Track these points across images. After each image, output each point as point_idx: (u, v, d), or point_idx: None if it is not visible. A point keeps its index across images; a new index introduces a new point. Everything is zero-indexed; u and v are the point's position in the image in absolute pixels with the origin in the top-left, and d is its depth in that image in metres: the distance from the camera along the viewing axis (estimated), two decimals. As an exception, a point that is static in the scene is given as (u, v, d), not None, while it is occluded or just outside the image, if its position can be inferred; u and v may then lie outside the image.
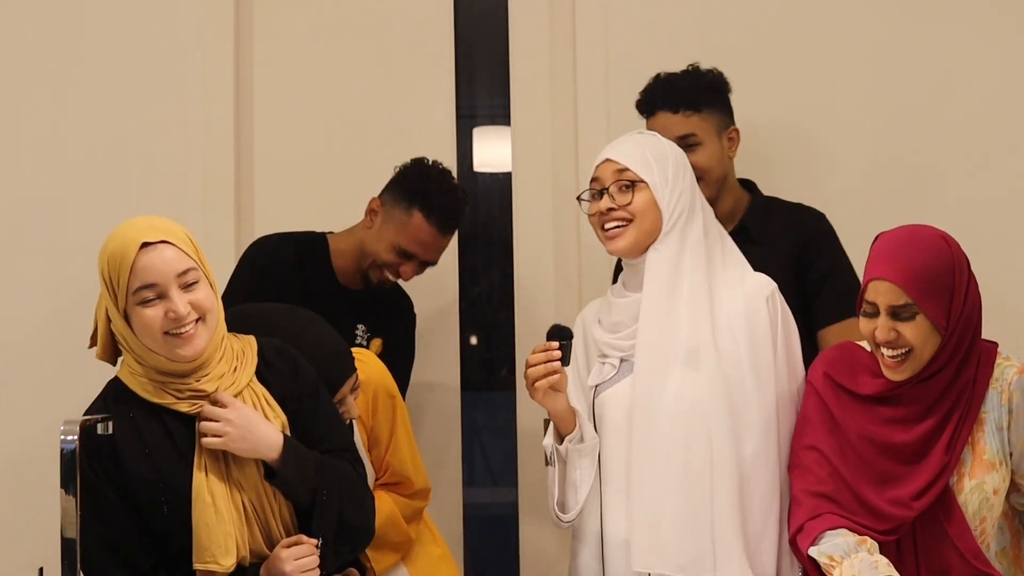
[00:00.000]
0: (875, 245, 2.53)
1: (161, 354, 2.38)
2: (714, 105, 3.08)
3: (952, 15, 3.47)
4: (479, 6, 3.72)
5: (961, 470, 2.49)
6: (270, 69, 3.59)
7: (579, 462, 2.67)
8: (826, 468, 2.53)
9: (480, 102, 3.79)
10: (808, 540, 2.47)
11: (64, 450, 2.24)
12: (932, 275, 2.45)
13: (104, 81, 3.56)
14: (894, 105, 3.47)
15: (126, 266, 2.34)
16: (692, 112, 3.05)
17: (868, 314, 2.49)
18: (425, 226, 3.15)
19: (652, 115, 3.11)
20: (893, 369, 2.49)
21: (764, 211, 3.09)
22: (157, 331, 2.35)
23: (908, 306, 2.44)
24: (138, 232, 2.38)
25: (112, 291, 2.37)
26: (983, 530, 2.49)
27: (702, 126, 3.05)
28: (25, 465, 3.39)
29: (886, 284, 2.44)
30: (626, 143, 2.74)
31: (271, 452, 2.39)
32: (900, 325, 2.45)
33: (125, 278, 2.34)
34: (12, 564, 3.34)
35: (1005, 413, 2.51)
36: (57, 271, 3.46)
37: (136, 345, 2.39)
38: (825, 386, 2.59)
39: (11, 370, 3.47)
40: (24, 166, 3.55)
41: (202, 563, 2.35)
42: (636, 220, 2.66)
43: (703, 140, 3.04)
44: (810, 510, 2.50)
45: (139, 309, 2.35)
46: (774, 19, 3.51)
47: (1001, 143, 3.45)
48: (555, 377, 2.60)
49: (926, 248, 2.47)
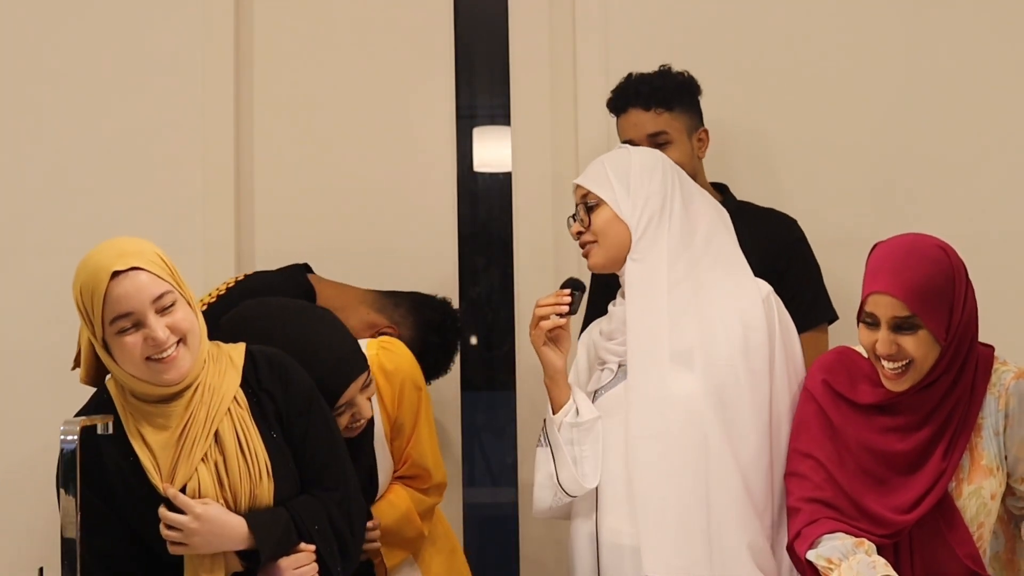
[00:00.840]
0: (873, 256, 2.52)
1: (146, 380, 2.35)
2: (684, 105, 3.10)
3: (951, 14, 3.48)
4: (479, 6, 3.72)
5: (959, 476, 2.49)
6: (270, 69, 3.59)
7: (579, 437, 2.67)
8: (823, 474, 2.52)
9: (480, 102, 3.79)
10: (806, 544, 2.46)
11: (64, 450, 2.24)
12: (933, 288, 2.44)
13: (104, 81, 3.55)
14: (893, 105, 3.47)
15: (99, 297, 2.30)
16: (663, 110, 3.07)
17: (868, 324, 2.48)
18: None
19: (624, 112, 3.13)
20: (894, 380, 2.49)
21: (736, 215, 3.05)
22: (138, 358, 2.32)
23: (910, 319, 2.43)
24: (108, 260, 2.32)
25: (88, 322, 2.34)
26: (980, 535, 2.49)
27: (673, 124, 3.07)
28: (25, 465, 3.39)
29: (887, 298, 2.44)
30: (592, 165, 2.79)
31: (241, 543, 2.35)
32: (901, 338, 2.45)
33: (99, 309, 2.31)
34: (12, 564, 3.35)
35: (1002, 418, 2.51)
36: (57, 272, 3.45)
37: (121, 374, 2.36)
38: (823, 393, 2.58)
39: (11, 370, 3.47)
40: (23, 166, 3.55)
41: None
42: (599, 240, 2.72)
43: (674, 139, 3.06)
44: (808, 516, 2.50)
45: (118, 338, 2.32)
46: (774, 19, 3.51)
47: (999, 142, 3.46)
48: (560, 320, 2.65)
49: (927, 260, 2.46)
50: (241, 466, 2.38)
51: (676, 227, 2.68)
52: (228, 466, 2.37)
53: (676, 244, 2.67)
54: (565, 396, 2.71)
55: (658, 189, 2.70)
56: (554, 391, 2.71)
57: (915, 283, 2.43)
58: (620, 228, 2.70)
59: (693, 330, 2.63)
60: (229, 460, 2.37)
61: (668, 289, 2.65)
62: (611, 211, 2.71)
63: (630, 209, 2.69)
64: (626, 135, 3.11)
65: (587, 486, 2.67)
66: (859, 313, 2.51)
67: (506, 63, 3.63)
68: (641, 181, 2.70)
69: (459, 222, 3.61)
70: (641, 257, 2.68)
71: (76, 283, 2.34)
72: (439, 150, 3.52)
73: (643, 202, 2.69)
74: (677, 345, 2.62)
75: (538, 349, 2.69)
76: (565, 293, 2.68)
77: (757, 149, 3.46)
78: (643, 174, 2.71)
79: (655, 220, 2.68)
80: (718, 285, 2.67)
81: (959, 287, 2.47)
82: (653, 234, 2.68)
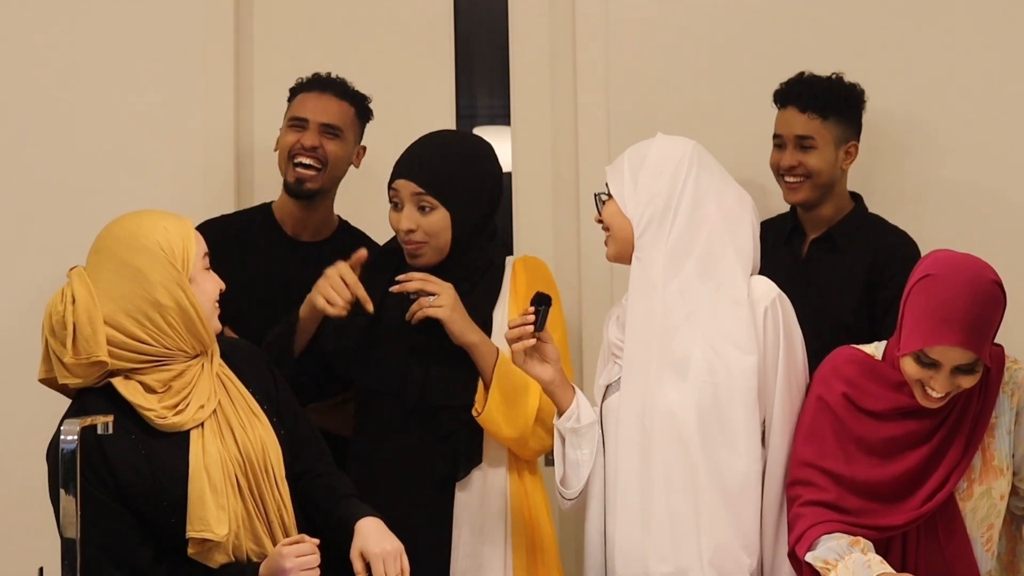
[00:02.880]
0: (933, 294, 2.43)
1: (207, 326, 2.47)
2: (842, 116, 3.17)
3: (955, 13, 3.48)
4: (479, 6, 3.72)
5: (971, 476, 2.49)
6: (270, 69, 3.59)
7: (577, 441, 2.68)
8: (828, 480, 2.51)
9: (480, 102, 3.79)
10: (805, 547, 2.46)
11: (64, 450, 2.24)
12: (992, 331, 2.44)
13: (104, 81, 3.55)
14: (894, 105, 3.47)
15: (191, 239, 2.49)
16: (817, 116, 3.14)
17: (924, 364, 2.43)
18: (303, 94, 3.23)
19: (783, 107, 3.21)
20: (935, 403, 2.47)
21: (858, 224, 3.17)
22: (211, 298, 2.51)
23: (974, 364, 2.42)
24: (174, 217, 2.55)
25: (172, 265, 2.44)
26: (989, 537, 2.48)
27: (822, 132, 3.14)
28: (25, 465, 3.38)
29: (959, 351, 2.40)
30: (622, 155, 2.76)
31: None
32: (961, 378, 2.43)
33: (192, 249, 2.47)
34: (12, 564, 3.34)
35: (1014, 416, 2.51)
36: (57, 269, 3.45)
37: (194, 316, 2.44)
38: (843, 405, 2.55)
39: (11, 370, 3.47)
40: (23, 167, 3.55)
41: (195, 531, 2.37)
42: (611, 232, 2.72)
43: (819, 145, 3.14)
44: (809, 520, 2.49)
45: (204, 273, 2.51)
46: (774, 20, 3.51)
47: (1003, 142, 3.46)
48: (530, 342, 2.63)
49: (991, 304, 2.42)
50: (242, 412, 2.50)
51: (676, 233, 2.64)
52: (227, 413, 2.48)
53: (674, 251, 2.64)
54: (568, 400, 2.70)
55: (665, 189, 2.66)
56: (555, 398, 2.71)
57: (981, 332, 2.40)
58: (624, 223, 2.68)
59: (684, 343, 2.61)
60: (227, 408, 2.49)
61: (663, 298, 2.62)
62: (617, 206, 2.70)
63: (633, 206, 2.67)
64: (778, 129, 3.21)
65: (580, 489, 2.70)
66: (908, 349, 2.44)
67: (506, 63, 3.64)
68: (649, 178, 2.67)
69: (459, 222, 3.61)
70: (643, 256, 2.66)
71: (156, 234, 2.46)
72: (439, 150, 3.51)
73: (647, 200, 2.66)
74: (668, 356, 2.61)
75: (523, 369, 2.68)
76: (530, 311, 2.65)
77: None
78: (654, 170, 2.68)
79: (655, 222, 2.65)
80: (710, 301, 2.62)
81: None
82: (653, 236, 2.65)
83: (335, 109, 3.22)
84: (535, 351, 2.66)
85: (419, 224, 2.83)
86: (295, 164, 3.18)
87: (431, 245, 2.84)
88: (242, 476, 2.44)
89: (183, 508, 2.39)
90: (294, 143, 3.18)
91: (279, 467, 2.48)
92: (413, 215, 2.82)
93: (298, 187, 3.19)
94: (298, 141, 3.18)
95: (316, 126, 3.19)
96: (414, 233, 2.82)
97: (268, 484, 2.46)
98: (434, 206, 2.82)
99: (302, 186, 3.18)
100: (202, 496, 2.38)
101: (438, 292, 2.78)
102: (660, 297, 2.63)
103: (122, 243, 2.45)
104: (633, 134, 2.89)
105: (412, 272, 2.82)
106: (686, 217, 2.66)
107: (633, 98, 3.51)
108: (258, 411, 2.52)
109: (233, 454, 2.44)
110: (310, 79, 3.27)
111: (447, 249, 2.85)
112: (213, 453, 2.41)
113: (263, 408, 2.53)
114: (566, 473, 2.71)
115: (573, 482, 2.70)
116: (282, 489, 2.48)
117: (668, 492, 2.57)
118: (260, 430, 2.49)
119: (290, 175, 3.19)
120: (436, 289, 2.78)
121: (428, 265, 2.85)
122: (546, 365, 2.67)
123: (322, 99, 3.22)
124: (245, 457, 2.45)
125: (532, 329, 2.63)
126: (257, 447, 2.46)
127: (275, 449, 2.49)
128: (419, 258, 2.85)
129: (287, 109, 3.27)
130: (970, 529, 2.49)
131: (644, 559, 2.57)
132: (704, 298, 2.62)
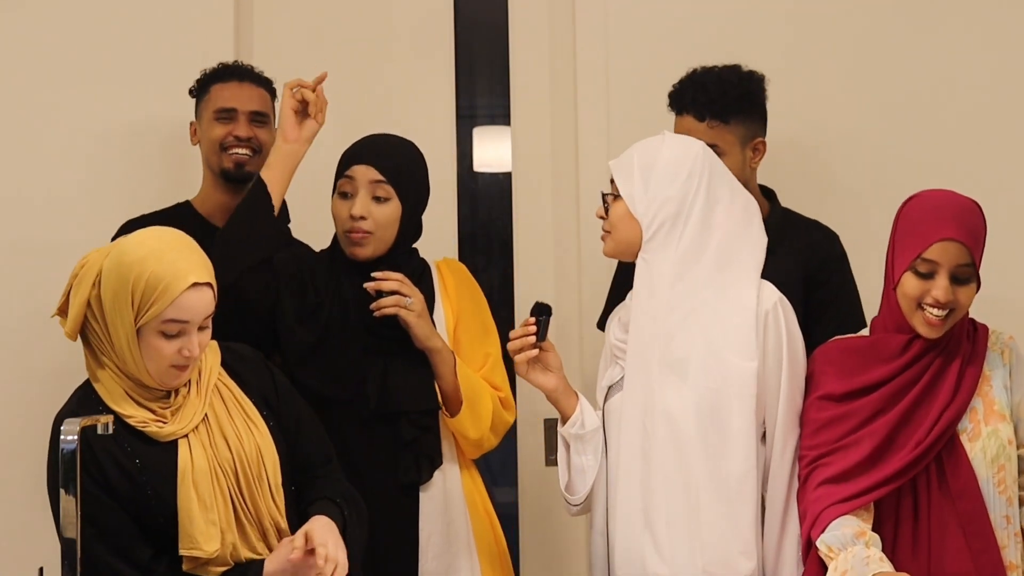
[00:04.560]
0: (922, 206, 2.54)
1: (153, 376, 2.39)
2: (743, 115, 3.01)
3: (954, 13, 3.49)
4: (479, 6, 3.72)
5: (975, 417, 2.52)
6: (270, 69, 3.58)
7: (582, 447, 2.68)
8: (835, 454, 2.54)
9: (480, 102, 3.79)
10: (820, 530, 2.49)
11: (64, 450, 2.24)
12: (981, 239, 2.52)
13: (104, 81, 3.55)
14: (895, 105, 3.47)
15: (168, 297, 2.33)
16: (718, 123, 2.98)
17: (922, 275, 2.49)
18: (220, 84, 3.20)
19: (679, 115, 3.05)
20: (934, 327, 2.52)
21: (781, 224, 3.06)
22: (165, 362, 2.37)
23: (968, 266, 2.48)
24: (189, 266, 2.36)
25: (133, 306, 2.34)
26: (1001, 479, 2.50)
27: (726, 138, 2.98)
28: (25, 465, 3.38)
29: (956, 245, 2.47)
30: (628, 151, 2.73)
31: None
32: (957, 288, 2.49)
33: (160, 307, 2.33)
34: (12, 564, 3.34)
35: (1007, 373, 2.55)
36: (54, 270, 3.45)
37: (129, 358, 2.38)
38: (841, 394, 2.58)
39: (10, 369, 3.47)
40: (23, 167, 3.55)
41: (186, 549, 2.37)
42: (612, 231, 2.70)
43: (725, 151, 2.95)
44: (824, 501, 2.50)
45: (156, 338, 2.35)
46: (774, 20, 3.51)
47: (1000, 143, 3.46)
48: (532, 352, 2.64)
49: (977, 211, 2.52)
50: (237, 420, 2.47)
51: (688, 238, 2.62)
52: (221, 421, 2.46)
53: (685, 255, 2.63)
54: (572, 407, 2.71)
55: (677, 194, 2.63)
56: (559, 405, 2.71)
57: (975, 232, 2.50)
58: (632, 225, 2.66)
59: (684, 343, 2.60)
60: (222, 417, 2.46)
61: (668, 300, 2.62)
62: (626, 207, 2.67)
63: (644, 209, 2.64)
64: None
65: (585, 494, 2.70)
66: (906, 262, 2.51)
67: (506, 63, 3.64)
68: (662, 181, 2.64)
69: (459, 222, 3.61)
70: (650, 257, 2.65)
71: (139, 265, 2.34)
72: (439, 150, 3.51)
73: (659, 205, 2.63)
74: (671, 357, 2.61)
75: (526, 379, 2.69)
76: (531, 321, 2.66)
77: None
78: (666, 173, 2.64)
79: (667, 226, 2.63)
80: (714, 304, 2.62)
81: None
82: (663, 240, 2.63)
83: (258, 96, 3.23)
84: (537, 361, 2.67)
85: (371, 213, 2.82)
86: (230, 154, 3.18)
87: (376, 236, 2.82)
88: (234, 485, 2.43)
89: (173, 515, 2.38)
90: (225, 135, 3.18)
91: (275, 475, 2.47)
92: (366, 203, 2.82)
93: (239, 171, 3.18)
94: (229, 133, 3.17)
95: (246, 115, 3.19)
96: (364, 221, 2.81)
97: (261, 492, 2.45)
98: (389, 197, 2.82)
99: (242, 169, 3.18)
100: (190, 514, 2.37)
101: (412, 296, 2.78)
102: (665, 299, 2.62)
103: (113, 257, 2.40)
104: (633, 134, 2.89)
105: (389, 272, 2.81)
106: (698, 222, 2.64)
107: (633, 97, 3.51)
108: (256, 418, 2.50)
109: (226, 462, 2.43)
110: (223, 68, 3.25)
111: (389, 244, 2.85)
112: (202, 464, 2.40)
113: (262, 414, 2.52)
114: (571, 479, 2.71)
115: (579, 488, 2.70)
116: (277, 497, 2.47)
117: (668, 494, 2.57)
118: (256, 438, 2.47)
119: (226, 162, 3.18)
120: (411, 292, 2.78)
121: (369, 259, 2.83)
122: (549, 374, 2.68)
123: (244, 88, 3.21)
124: (239, 465, 2.44)
125: (534, 340, 2.64)
126: (252, 455, 2.45)
127: (271, 457, 2.48)
128: (361, 248, 2.83)
129: (202, 101, 3.24)
130: (980, 468, 2.51)
131: (643, 560, 2.57)
132: (709, 300, 2.62)
